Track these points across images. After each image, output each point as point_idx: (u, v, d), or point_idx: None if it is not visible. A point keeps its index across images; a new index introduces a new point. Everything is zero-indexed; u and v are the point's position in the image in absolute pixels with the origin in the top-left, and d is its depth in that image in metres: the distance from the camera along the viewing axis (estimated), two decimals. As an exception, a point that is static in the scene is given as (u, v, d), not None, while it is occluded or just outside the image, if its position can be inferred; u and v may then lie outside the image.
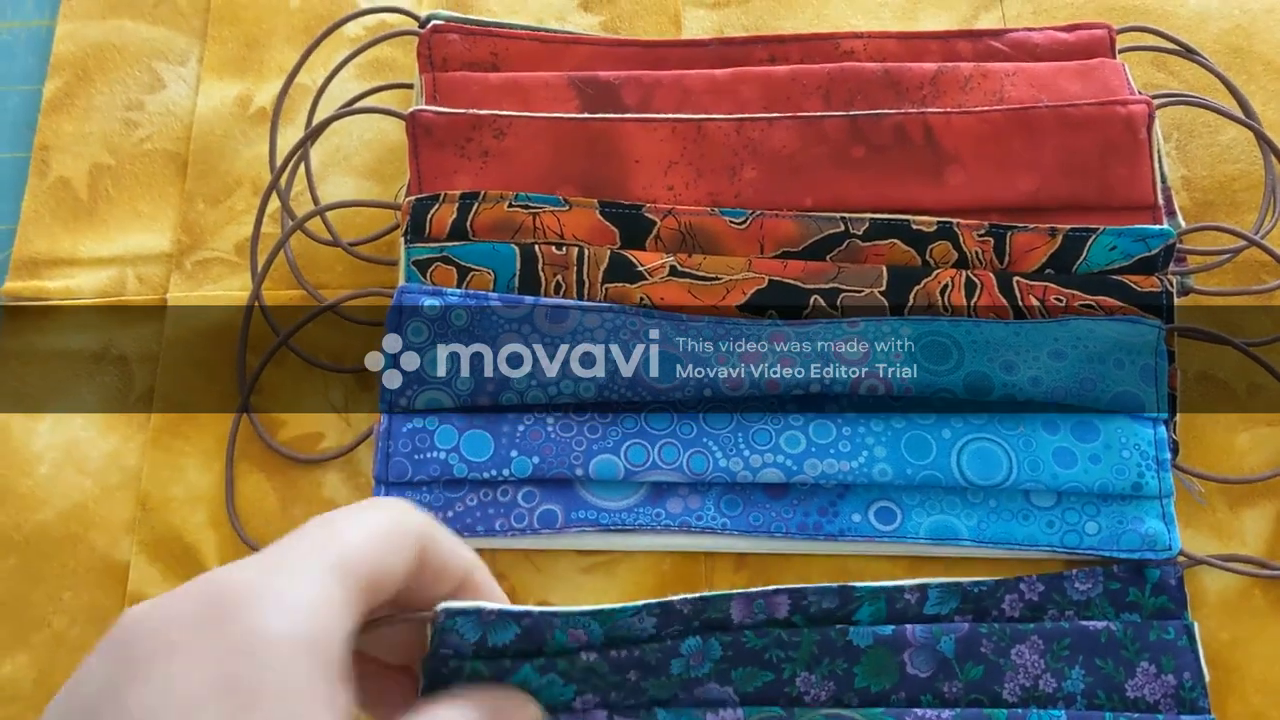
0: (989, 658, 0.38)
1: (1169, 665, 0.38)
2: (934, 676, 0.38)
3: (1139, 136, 0.44)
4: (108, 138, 0.49)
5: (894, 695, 0.38)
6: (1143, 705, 0.38)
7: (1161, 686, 0.38)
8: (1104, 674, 0.38)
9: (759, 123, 0.44)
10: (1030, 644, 0.39)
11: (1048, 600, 0.40)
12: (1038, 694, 0.38)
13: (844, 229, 0.43)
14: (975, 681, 0.38)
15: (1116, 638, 0.39)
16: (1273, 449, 0.43)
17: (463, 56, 0.46)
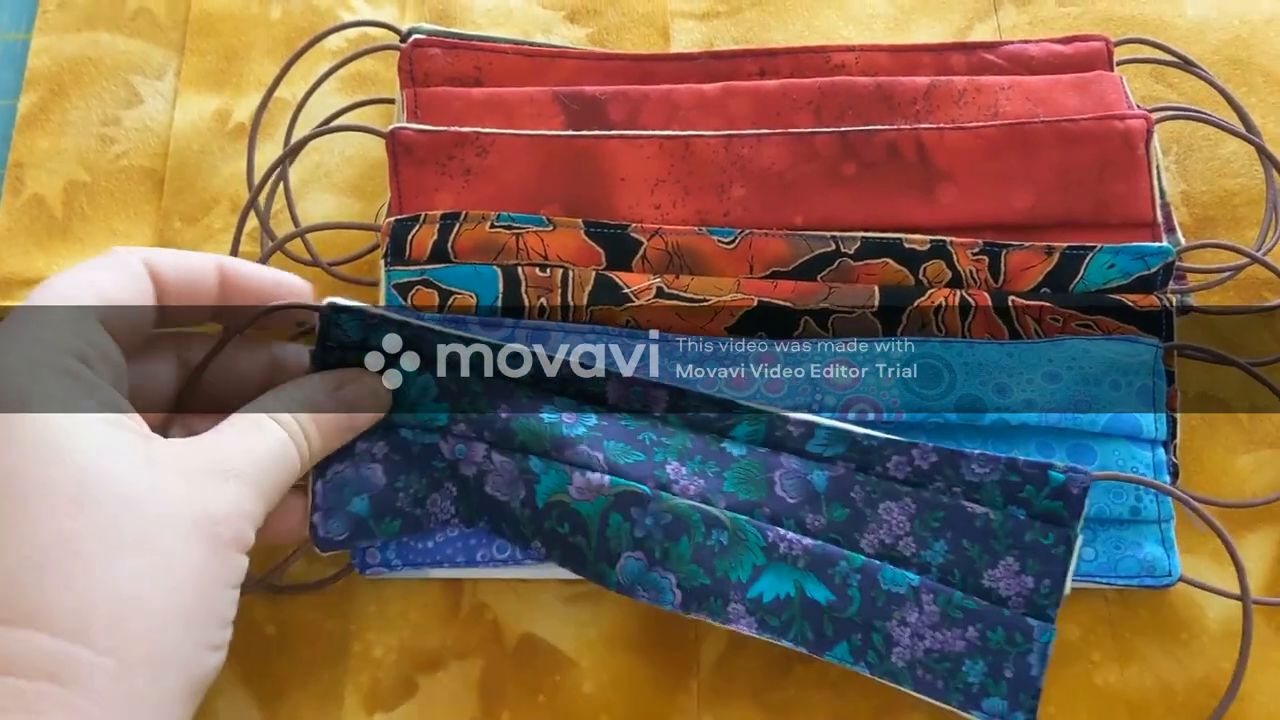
0: (856, 504, 0.38)
1: (1033, 568, 0.37)
2: (800, 504, 0.38)
3: (1137, 152, 0.43)
4: (83, 154, 0.48)
5: (759, 509, 0.38)
6: (994, 596, 0.37)
7: (1018, 584, 0.37)
8: (966, 556, 0.38)
9: (748, 139, 0.43)
10: (902, 505, 0.38)
11: (937, 472, 0.38)
12: (893, 553, 0.38)
13: (835, 248, 0.42)
14: (837, 521, 0.38)
15: (992, 527, 0.38)
16: (1275, 472, 0.42)
17: (445, 71, 0.45)
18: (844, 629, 0.37)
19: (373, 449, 0.38)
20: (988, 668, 0.37)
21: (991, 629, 0.37)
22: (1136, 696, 0.39)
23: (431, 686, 0.39)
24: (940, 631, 0.37)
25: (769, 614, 0.37)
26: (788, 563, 0.37)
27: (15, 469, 0.29)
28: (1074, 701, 0.39)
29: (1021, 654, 0.37)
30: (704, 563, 0.37)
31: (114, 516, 0.29)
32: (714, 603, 0.37)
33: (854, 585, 0.37)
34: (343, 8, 0.51)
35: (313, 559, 0.41)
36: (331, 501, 0.37)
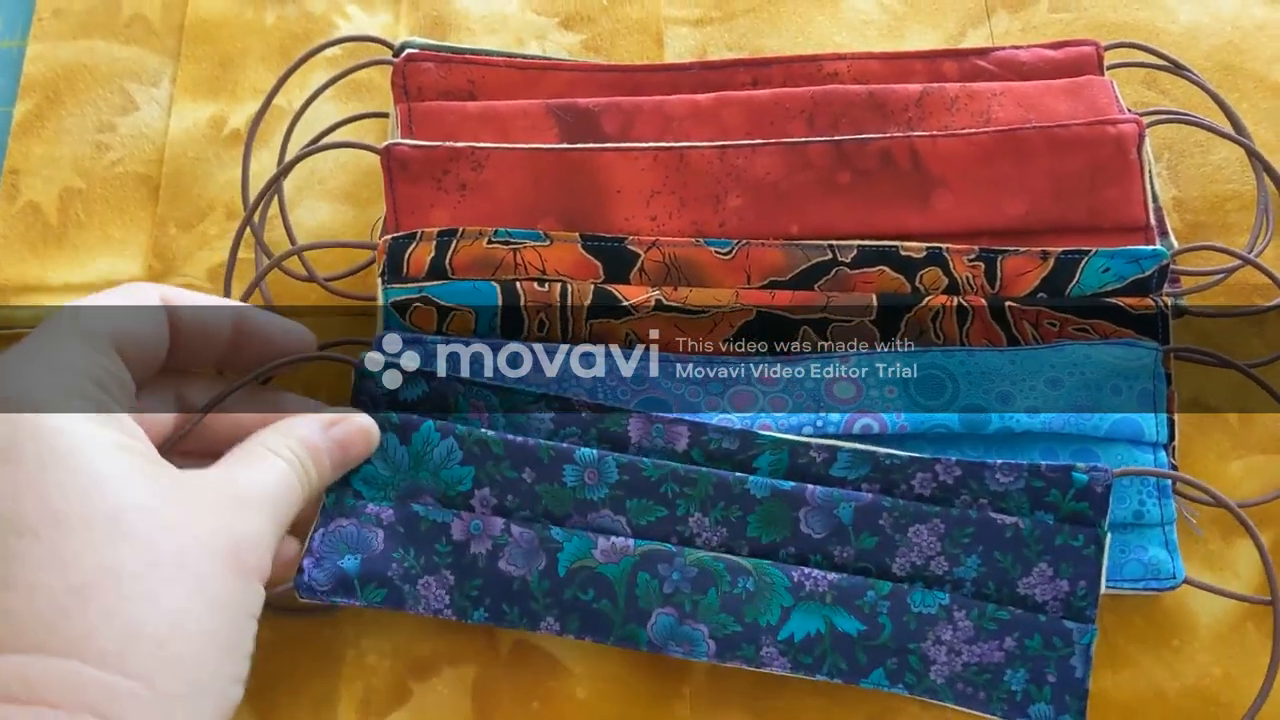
0: (885, 531, 0.38)
1: (1066, 571, 0.37)
2: (827, 539, 0.38)
3: (1129, 156, 0.43)
4: (78, 161, 0.48)
5: (784, 550, 0.38)
6: (1030, 603, 0.38)
7: (1053, 589, 0.38)
8: (999, 567, 0.38)
9: (743, 150, 0.43)
10: (931, 526, 0.38)
11: (962, 486, 0.39)
12: (927, 574, 0.38)
13: (832, 257, 0.42)
14: (867, 551, 0.38)
15: (1022, 535, 0.38)
16: (1267, 477, 0.42)
17: (438, 85, 0.45)
18: (878, 655, 0.37)
19: (381, 514, 0.38)
20: (1029, 675, 0.37)
21: (1029, 636, 0.37)
22: (1130, 702, 0.40)
23: (425, 693, 0.39)
24: (977, 645, 0.37)
25: (801, 653, 0.37)
26: (815, 600, 0.38)
27: (51, 497, 0.28)
28: (1066, 708, 0.39)
29: (1063, 658, 0.37)
30: (733, 610, 0.37)
31: (153, 546, 0.29)
32: (746, 649, 0.37)
33: (883, 613, 0.37)
34: (338, 14, 0.51)
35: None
36: (325, 551, 0.37)
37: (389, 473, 0.38)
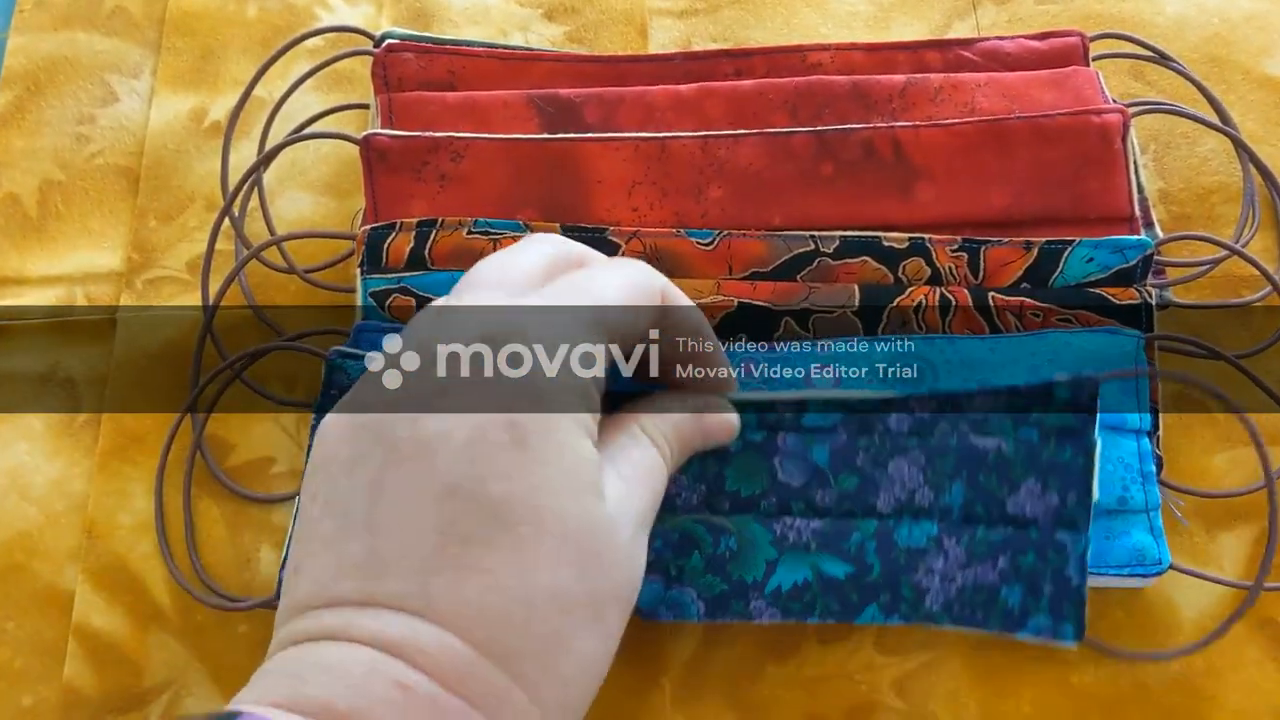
0: (864, 469, 0.37)
1: (1055, 484, 0.36)
2: (807, 485, 0.37)
3: (1114, 146, 0.43)
4: (58, 153, 0.48)
5: (764, 501, 0.38)
6: (1020, 521, 0.36)
7: (1044, 504, 0.36)
8: (985, 489, 0.37)
9: (725, 140, 0.43)
10: (910, 458, 0.37)
11: (940, 417, 0.38)
12: (912, 506, 0.37)
13: (814, 247, 0.42)
14: (849, 492, 0.37)
15: (1006, 457, 0.37)
16: (1251, 469, 0.42)
17: (419, 76, 0.45)
18: (869, 593, 0.37)
19: None
20: (1025, 589, 0.36)
21: (1021, 554, 0.36)
22: (1112, 696, 0.39)
23: (404, 687, 0.39)
24: (970, 569, 0.36)
25: (791, 601, 0.37)
26: (800, 549, 0.37)
27: (539, 496, 0.27)
28: (1049, 701, 0.39)
29: (1057, 568, 0.36)
30: (719, 570, 0.37)
31: (607, 581, 0.28)
32: (736, 605, 0.37)
33: (871, 552, 0.37)
34: (320, 6, 0.51)
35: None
36: None
37: None
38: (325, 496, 0.28)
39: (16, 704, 0.40)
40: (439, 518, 0.26)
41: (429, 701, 0.25)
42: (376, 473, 0.27)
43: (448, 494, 0.26)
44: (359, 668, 0.25)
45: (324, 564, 0.27)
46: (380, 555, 0.26)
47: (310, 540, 0.28)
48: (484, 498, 0.26)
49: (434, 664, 0.25)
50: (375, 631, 0.26)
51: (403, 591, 0.26)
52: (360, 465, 0.28)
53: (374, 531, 0.27)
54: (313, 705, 0.24)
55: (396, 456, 0.27)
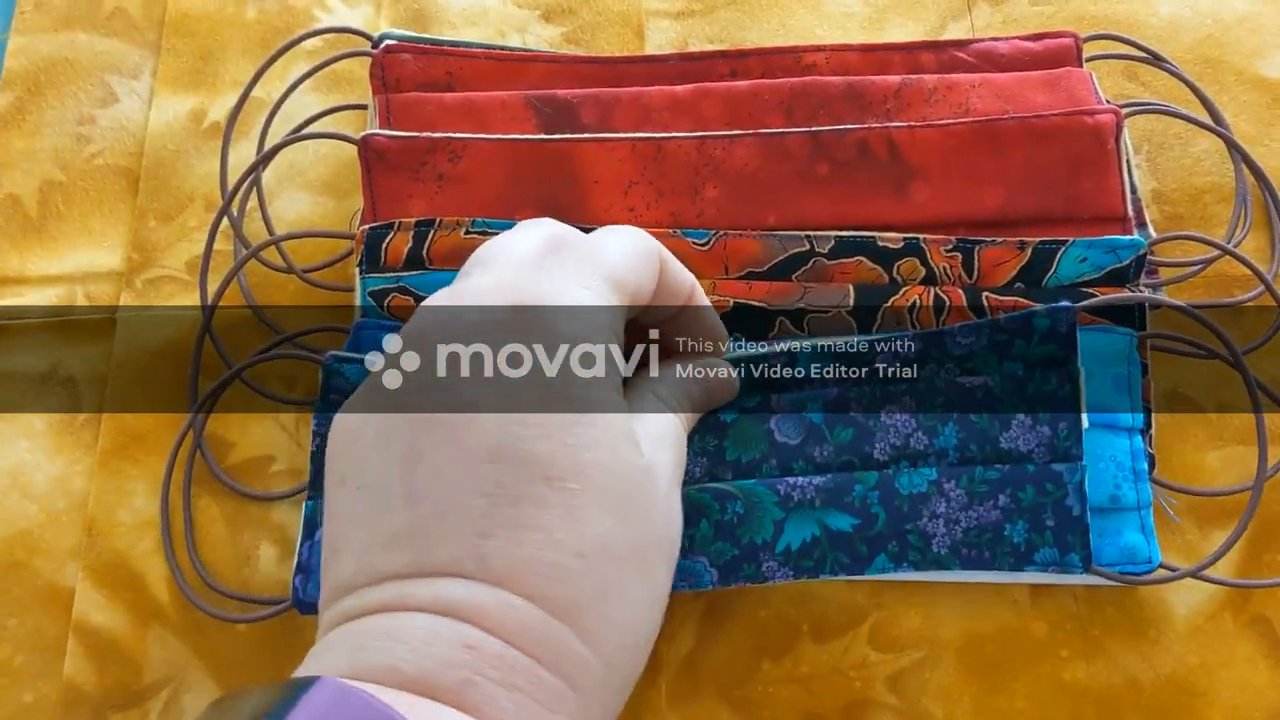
0: (858, 420, 0.38)
1: (1045, 416, 0.38)
2: (804, 443, 0.38)
3: (1107, 147, 0.43)
4: (59, 153, 0.48)
5: (765, 464, 0.38)
6: (1015, 456, 0.38)
7: (1036, 437, 0.38)
8: (978, 428, 0.38)
9: (720, 140, 0.43)
10: (902, 404, 0.38)
11: (926, 356, 0.39)
12: (909, 451, 0.38)
13: (809, 247, 0.42)
14: (845, 444, 0.38)
15: (994, 392, 0.38)
16: (1244, 468, 0.42)
17: (417, 77, 0.45)
18: (877, 543, 0.38)
19: None
20: (1029, 525, 0.37)
21: (1020, 489, 0.38)
22: (1104, 692, 0.39)
23: (402, 684, 0.39)
24: (972, 510, 0.38)
25: (801, 558, 0.38)
26: (805, 507, 0.38)
27: (582, 450, 0.27)
28: (1043, 697, 0.39)
29: (1058, 500, 0.37)
30: (728, 536, 0.38)
31: (651, 529, 0.29)
32: (748, 569, 0.38)
33: (874, 503, 0.38)
34: (319, 7, 0.51)
35: (284, 569, 0.41)
36: (315, 564, 0.38)
37: None
38: (355, 477, 0.28)
39: (17, 701, 0.40)
40: (485, 481, 0.27)
41: (496, 659, 0.25)
42: (410, 446, 0.27)
43: (491, 457, 0.27)
44: (420, 631, 0.25)
45: (365, 541, 0.27)
46: (425, 525, 0.27)
47: (346, 521, 0.28)
48: (529, 457, 0.27)
49: (496, 623, 0.26)
50: (431, 598, 0.26)
51: (455, 556, 0.26)
52: (391, 442, 0.28)
53: (415, 502, 0.27)
54: (377, 671, 0.24)
55: (431, 427, 0.28)
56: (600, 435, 0.28)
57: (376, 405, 0.29)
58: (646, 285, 0.32)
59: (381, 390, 0.29)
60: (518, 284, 0.30)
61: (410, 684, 0.24)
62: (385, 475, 0.28)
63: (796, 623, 0.40)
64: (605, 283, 0.30)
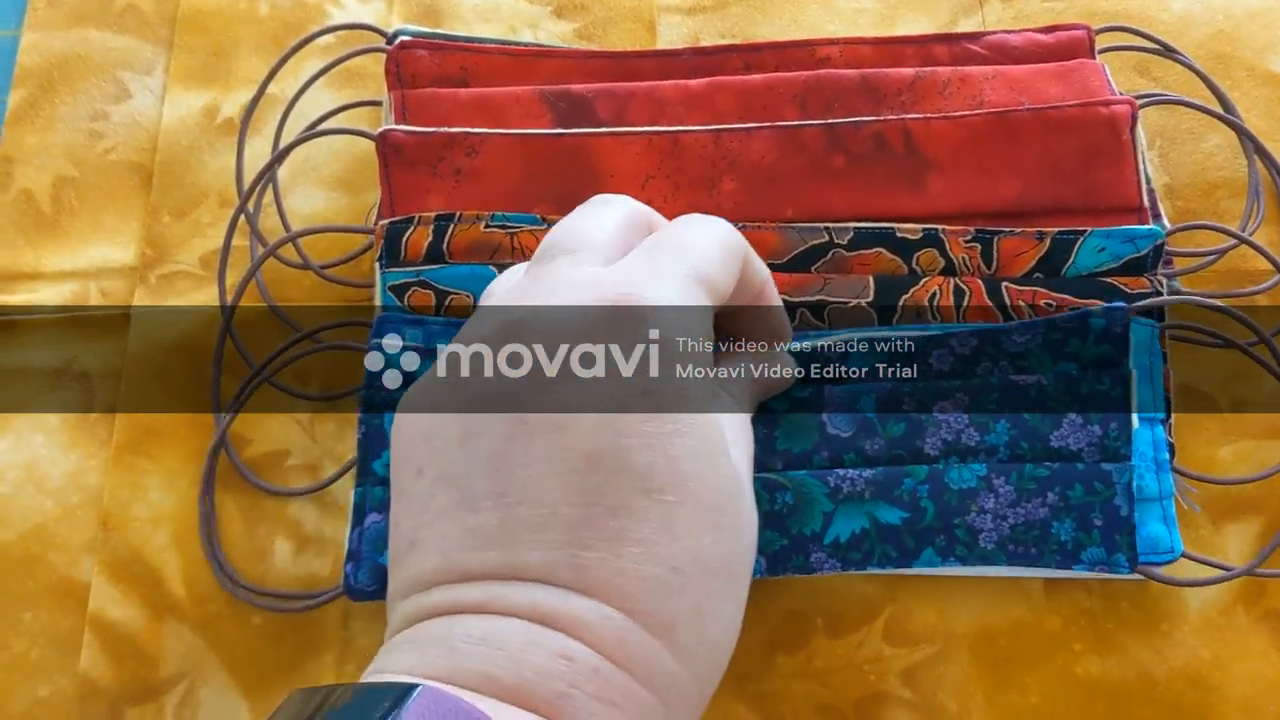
0: (910, 414, 0.39)
1: (1096, 416, 0.38)
2: (855, 435, 0.39)
3: (1122, 137, 0.43)
4: (72, 149, 0.48)
5: (817, 455, 0.39)
6: (1065, 454, 0.38)
7: (1086, 436, 0.38)
8: (1029, 426, 0.38)
9: (736, 134, 0.43)
10: (955, 400, 0.39)
11: (981, 354, 0.39)
12: (959, 447, 0.38)
13: (828, 239, 0.42)
14: (897, 438, 0.39)
15: (1047, 390, 0.38)
16: (1257, 463, 0.42)
17: (432, 72, 0.45)
18: (925, 537, 0.38)
19: None
20: (1076, 523, 0.38)
21: (1069, 488, 0.38)
22: (1118, 686, 0.39)
23: (418, 677, 0.39)
24: (1021, 506, 0.38)
25: (850, 550, 0.38)
26: (854, 499, 0.38)
27: (681, 459, 0.27)
28: (1056, 691, 0.39)
29: (1106, 500, 0.38)
30: (778, 526, 0.38)
31: (741, 541, 0.28)
32: (796, 559, 0.38)
33: (924, 496, 0.38)
34: (331, 3, 0.51)
35: (300, 563, 0.41)
36: (365, 551, 0.38)
37: None
38: (435, 470, 0.28)
39: (33, 695, 0.40)
40: (582, 489, 0.26)
41: (593, 672, 0.25)
42: (501, 444, 0.27)
43: (590, 465, 0.26)
44: (515, 638, 0.25)
45: (448, 537, 0.27)
46: (515, 527, 0.26)
47: (424, 513, 0.27)
48: (629, 467, 0.26)
49: (594, 635, 0.25)
50: (526, 604, 0.25)
51: (548, 563, 0.26)
52: (476, 438, 0.27)
53: (504, 503, 0.26)
54: (472, 677, 0.24)
55: (525, 429, 0.27)
56: (698, 446, 0.27)
57: (458, 398, 0.28)
58: (732, 283, 0.32)
59: (464, 382, 0.28)
60: (611, 282, 0.29)
61: (506, 693, 0.24)
62: (470, 471, 0.27)
63: (810, 617, 0.40)
64: (698, 283, 0.30)
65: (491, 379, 0.28)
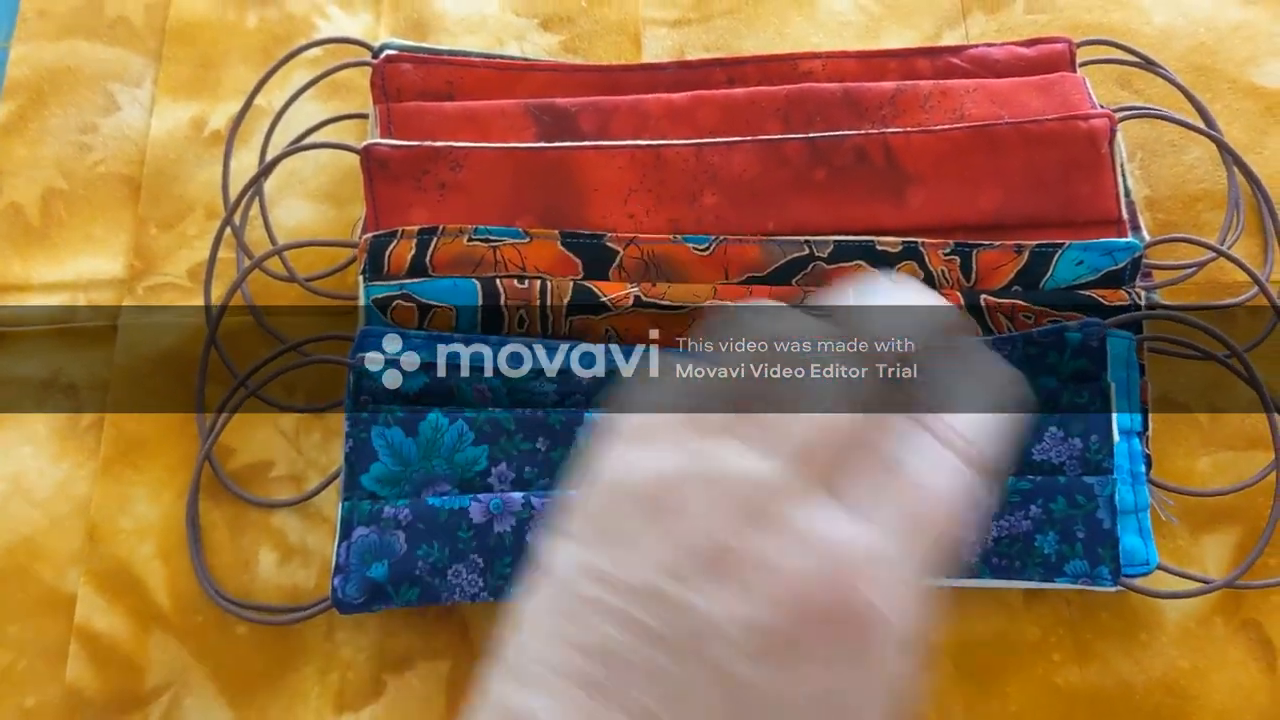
0: None
1: (1077, 429, 0.39)
2: None
3: (1101, 151, 0.44)
4: (61, 161, 0.49)
5: None
6: (1047, 467, 0.39)
7: (1068, 449, 0.39)
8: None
9: (718, 148, 0.44)
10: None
11: None
12: None
13: (809, 252, 0.43)
14: None
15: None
16: (1236, 474, 0.43)
17: (417, 86, 0.46)
18: None
19: (399, 515, 0.38)
20: (1059, 536, 0.38)
21: (1052, 500, 0.38)
22: (1097, 696, 0.40)
23: (399, 687, 0.40)
24: (1004, 520, 0.38)
25: None
26: None
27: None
28: (1035, 701, 0.40)
29: (1089, 513, 0.38)
30: None
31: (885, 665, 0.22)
32: None
33: None
34: (319, 16, 0.52)
35: (283, 573, 0.41)
36: (353, 564, 0.38)
37: (400, 468, 0.39)
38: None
39: (20, 706, 0.40)
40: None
41: None
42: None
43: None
44: None
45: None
46: None
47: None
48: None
49: None
50: None
51: None
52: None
53: None
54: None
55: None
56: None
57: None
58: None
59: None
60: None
61: None
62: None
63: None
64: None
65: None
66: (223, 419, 0.42)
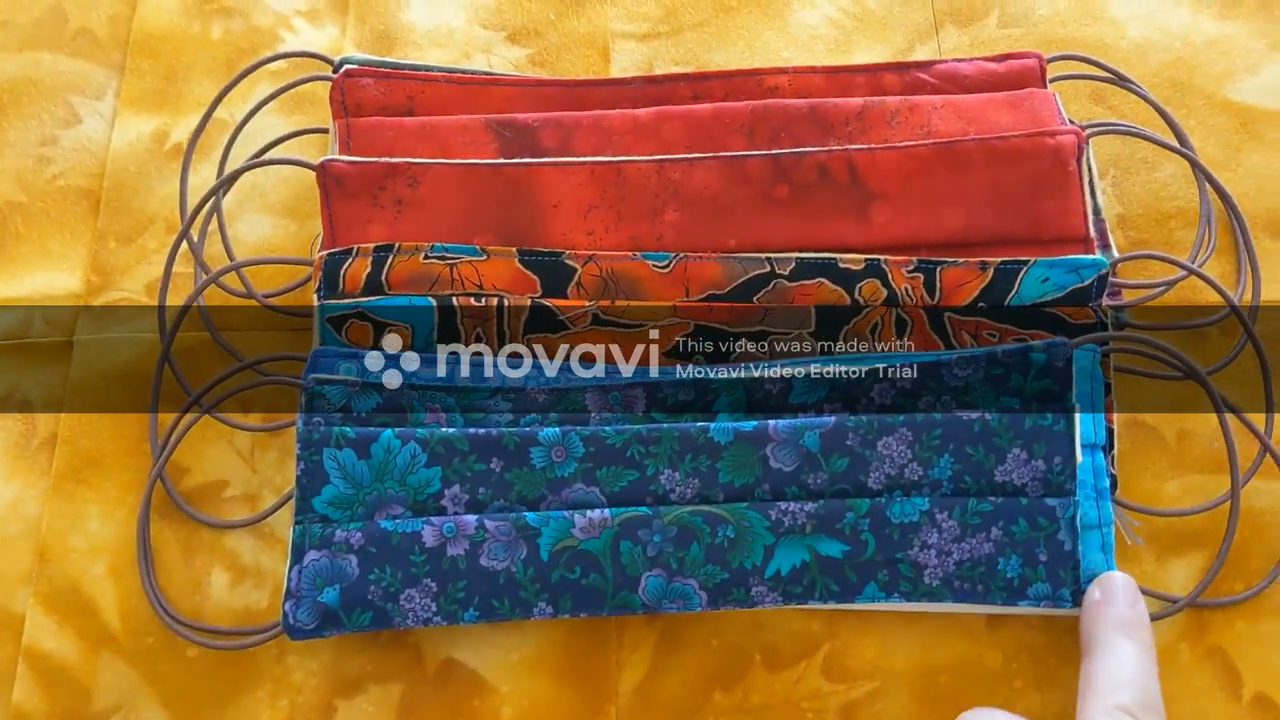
0: (854, 449, 0.39)
1: (1040, 450, 0.38)
2: (798, 470, 0.39)
3: (1068, 168, 0.43)
4: (20, 174, 0.48)
5: (759, 489, 0.39)
6: (1009, 489, 0.38)
7: (1030, 471, 0.38)
8: (973, 460, 0.38)
9: (680, 164, 0.43)
10: (899, 435, 0.39)
11: (922, 388, 0.39)
12: (903, 482, 0.39)
13: (770, 269, 0.42)
14: (840, 473, 0.39)
15: (990, 426, 0.38)
16: (1202, 498, 0.42)
17: (378, 101, 0.45)
18: (867, 571, 0.38)
19: (350, 539, 0.38)
20: (1022, 559, 0.38)
21: (1013, 522, 0.38)
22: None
23: (351, 711, 0.39)
24: (965, 542, 0.38)
25: (791, 584, 0.38)
26: (795, 533, 0.38)
27: None
28: (997, 728, 0.39)
29: (1050, 535, 0.38)
30: (718, 559, 0.38)
31: None
32: (737, 592, 0.38)
33: (865, 530, 0.38)
34: (284, 28, 0.51)
35: (236, 595, 0.41)
36: (304, 589, 0.37)
37: (352, 490, 0.38)
38: None
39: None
40: None
41: None
42: None
43: None
44: None
45: None
46: None
47: None
48: None
49: None
50: None
51: None
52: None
53: None
54: None
55: None
56: None
57: None
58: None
59: None
60: None
61: None
62: None
63: (749, 651, 0.40)
64: None
65: None
66: (175, 437, 0.41)
